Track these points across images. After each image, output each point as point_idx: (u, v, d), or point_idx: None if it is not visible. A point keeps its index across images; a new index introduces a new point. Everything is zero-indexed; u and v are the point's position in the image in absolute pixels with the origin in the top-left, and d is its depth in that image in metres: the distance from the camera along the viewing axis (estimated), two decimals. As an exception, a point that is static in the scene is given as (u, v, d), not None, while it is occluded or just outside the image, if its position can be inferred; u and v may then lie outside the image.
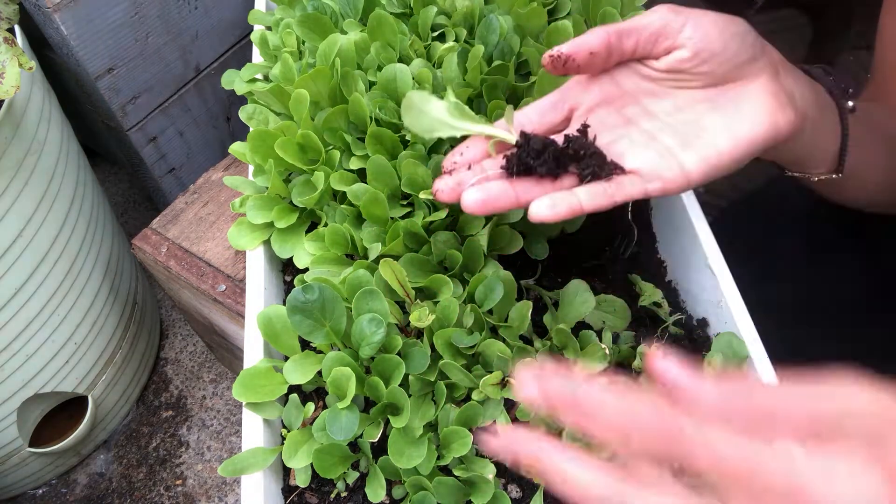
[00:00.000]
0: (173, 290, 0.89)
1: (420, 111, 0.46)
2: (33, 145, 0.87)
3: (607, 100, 0.48)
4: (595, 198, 0.43)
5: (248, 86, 0.75)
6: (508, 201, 0.43)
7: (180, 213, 0.84)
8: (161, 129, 1.21)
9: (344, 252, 0.61)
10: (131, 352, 1.22)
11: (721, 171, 0.44)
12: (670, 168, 0.44)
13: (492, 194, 0.43)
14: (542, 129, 0.48)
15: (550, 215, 0.41)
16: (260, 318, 0.54)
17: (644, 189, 0.44)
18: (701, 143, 0.44)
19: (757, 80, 0.45)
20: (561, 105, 0.48)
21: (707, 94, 0.46)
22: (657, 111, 0.47)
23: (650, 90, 0.47)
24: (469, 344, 0.52)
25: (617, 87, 0.48)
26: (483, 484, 0.50)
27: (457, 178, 0.45)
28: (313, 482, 0.55)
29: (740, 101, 0.45)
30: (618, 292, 0.66)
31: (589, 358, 0.55)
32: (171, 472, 1.24)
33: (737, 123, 0.44)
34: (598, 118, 0.47)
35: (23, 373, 0.97)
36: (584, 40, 0.43)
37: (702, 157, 0.44)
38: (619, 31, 0.44)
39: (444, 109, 0.46)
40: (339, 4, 0.75)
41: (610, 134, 0.47)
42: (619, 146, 0.46)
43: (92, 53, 1.00)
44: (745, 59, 0.44)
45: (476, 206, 0.42)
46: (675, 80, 0.46)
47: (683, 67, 0.45)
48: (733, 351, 0.57)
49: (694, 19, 0.44)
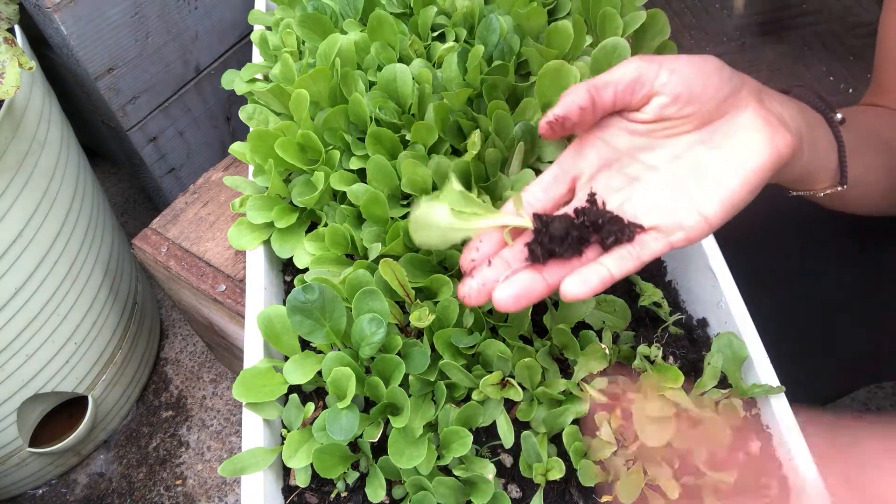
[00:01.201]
0: (173, 290, 0.89)
1: (428, 226, 0.45)
2: (33, 145, 0.87)
3: (606, 163, 0.47)
4: (623, 262, 0.42)
5: (248, 86, 0.75)
6: (541, 290, 0.43)
7: (180, 213, 0.84)
8: (161, 129, 1.21)
9: (344, 252, 0.61)
10: (131, 352, 1.22)
11: (738, 206, 0.44)
12: (689, 217, 0.44)
13: (523, 288, 0.42)
14: (549, 204, 0.47)
15: (585, 292, 0.41)
16: (260, 318, 0.54)
17: (669, 243, 0.44)
18: (711, 185, 0.44)
19: (745, 109, 0.45)
20: (563, 177, 0.48)
21: (701, 136, 0.45)
22: (657, 163, 0.46)
23: (644, 144, 0.47)
24: (469, 344, 0.52)
25: (610, 148, 0.47)
26: (483, 484, 0.50)
27: (481, 278, 0.44)
28: (313, 482, 0.55)
29: (735, 135, 0.45)
30: (618, 292, 0.66)
31: (589, 358, 0.55)
32: (171, 472, 1.24)
33: (740, 157, 0.44)
34: (603, 182, 0.47)
35: (23, 373, 0.97)
36: (570, 100, 0.44)
37: (717, 199, 0.43)
38: (596, 85, 0.44)
39: (449, 214, 0.45)
40: (339, 4, 0.75)
41: (619, 196, 0.46)
42: (632, 206, 0.46)
43: (92, 53, 1.00)
44: (728, 92, 0.44)
45: (510, 304, 0.42)
46: (664, 129, 0.46)
47: (668, 114, 0.45)
48: (733, 351, 0.57)
49: (668, 64, 0.44)
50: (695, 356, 0.60)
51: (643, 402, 0.51)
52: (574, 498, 0.54)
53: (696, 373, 0.58)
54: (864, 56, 1.86)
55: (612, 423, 0.54)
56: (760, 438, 0.57)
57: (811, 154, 0.50)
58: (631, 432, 0.54)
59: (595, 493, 0.54)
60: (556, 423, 0.53)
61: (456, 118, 0.63)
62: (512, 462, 0.55)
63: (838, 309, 0.75)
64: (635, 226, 0.44)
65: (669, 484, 0.52)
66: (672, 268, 0.72)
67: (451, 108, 0.62)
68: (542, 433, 0.54)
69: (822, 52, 1.87)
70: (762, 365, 0.58)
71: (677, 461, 0.52)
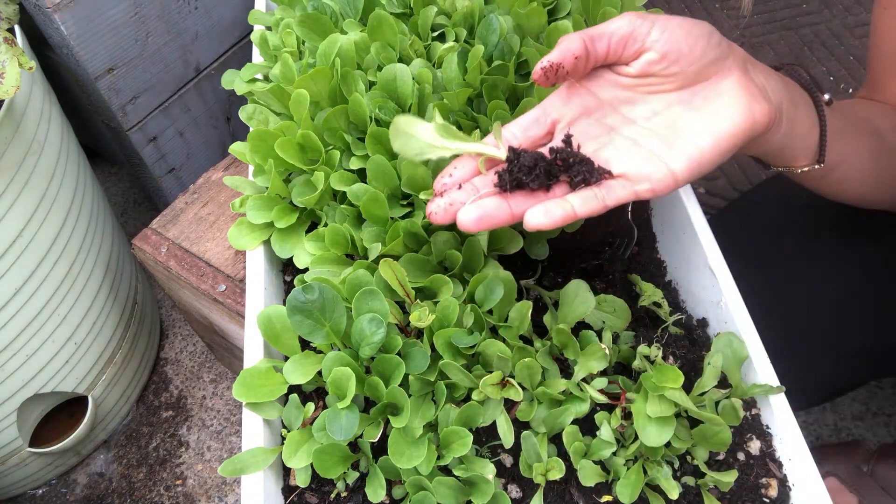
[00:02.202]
0: (173, 290, 0.89)
1: (408, 135, 0.47)
2: (33, 145, 0.87)
3: (587, 111, 0.49)
4: (587, 202, 0.44)
5: (248, 86, 0.75)
6: (504, 216, 0.44)
7: (180, 213, 0.84)
8: (161, 129, 1.21)
9: (344, 252, 0.61)
10: (131, 352, 1.22)
11: (705, 167, 0.46)
12: (657, 170, 0.45)
13: (487, 210, 0.44)
14: (526, 143, 0.49)
15: (546, 223, 0.42)
16: (260, 318, 0.54)
17: (634, 191, 0.45)
18: (683, 143, 0.45)
19: (728, 76, 0.46)
20: (543, 119, 0.49)
21: (681, 96, 0.47)
22: (636, 117, 0.48)
23: (626, 98, 0.48)
24: (469, 344, 0.52)
25: (595, 98, 0.49)
26: (483, 484, 0.50)
27: (449, 198, 0.45)
28: (313, 482, 0.55)
29: (715, 99, 0.46)
30: (618, 292, 0.66)
31: (589, 358, 0.55)
32: (171, 472, 1.23)
33: (715, 120, 0.45)
34: (581, 129, 0.49)
35: (23, 373, 0.97)
36: (566, 47, 0.45)
37: (686, 157, 0.45)
38: (591, 35, 0.46)
39: (432, 131, 0.47)
40: (339, 4, 0.75)
41: (594, 143, 0.48)
42: (605, 153, 0.47)
43: (92, 53, 0.99)
44: (714, 57, 0.46)
45: (472, 224, 0.43)
46: (648, 85, 0.47)
47: (654, 70, 0.46)
48: (733, 351, 0.57)
49: (660, 22, 0.45)
50: (695, 356, 0.60)
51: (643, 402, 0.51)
52: (574, 498, 0.54)
53: (696, 373, 0.58)
54: (864, 56, 1.85)
55: (611, 423, 0.54)
56: (760, 438, 0.57)
57: (790, 129, 0.51)
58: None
59: (595, 493, 0.54)
60: (556, 423, 0.53)
61: (456, 118, 0.63)
62: (512, 462, 0.55)
63: (840, 302, 0.75)
64: (604, 170, 0.46)
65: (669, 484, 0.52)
66: (672, 268, 0.72)
67: (451, 108, 0.62)
68: (542, 433, 0.54)
69: (822, 52, 1.87)
70: (762, 365, 0.58)
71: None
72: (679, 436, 0.53)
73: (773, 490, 0.54)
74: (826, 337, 0.76)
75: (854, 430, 1.25)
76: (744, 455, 0.56)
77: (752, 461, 0.56)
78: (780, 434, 0.56)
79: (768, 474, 0.55)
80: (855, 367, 0.80)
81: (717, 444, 0.53)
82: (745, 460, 0.56)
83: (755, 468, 0.55)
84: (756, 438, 0.57)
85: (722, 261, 0.63)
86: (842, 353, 0.76)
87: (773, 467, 0.56)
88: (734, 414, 0.54)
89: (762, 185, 0.93)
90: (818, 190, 0.65)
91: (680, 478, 0.55)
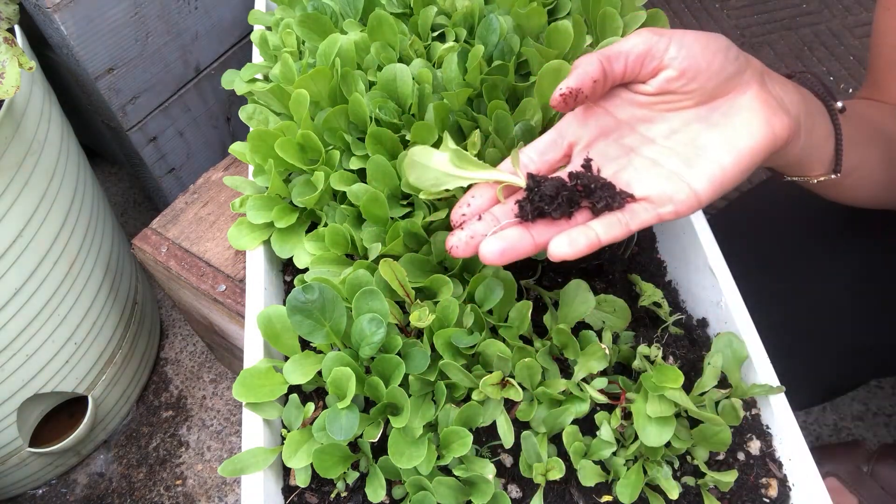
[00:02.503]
0: (173, 290, 0.89)
1: (424, 167, 0.46)
2: (33, 145, 0.87)
3: (605, 132, 0.48)
4: (611, 228, 0.43)
5: (248, 86, 0.75)
6: (527, 247, 0.43)
7: (180, 213, 0.84)
8: (161, 129, 1.21)
9: (344, 252, 0.61)
10: (131, 352, 1.22)
11: (728, 186, 0.45)
12: (680, 191, 0.44)
13: (510, 242, 0.43)
14: (544, 167, 0.48)
15: (571, 252, 0.42)
16: (260, 318, 0.54)
17: (657, 214, 0.44)
18: (704, 162, 0.44)
19: (746, 91, 0.45)
20: (560, 142, 0.48)
21: (699, 113, 0.46)
22: (654, 136, 0.47)
23: (644, 116, 0.47)
24: (469, 344, 0.52)
25: (612, 118, 0.48)
26: (483, 484, 0.50)
27: (470, 230, 0.44)
28: (313, 482, 0.55)
29: (734, 114, 0.45)
30: (618, 292, 0.66)
31: (589, 358, 0.55)
32: (171, 472, 1.23)
33: (735, 137, 0.45)
34: (599, 151, 0.48)
35: (23, 373, 0.97)
36: (584, 71, 0.44)
37: (708, 176, 0.44)
38: (608, 56, 0.45)
39: (448, 161, 0.46)
40: (339, 4, 0.75)
41: (613, 165, 0.47)
42: (625, 175, 0.46)
43: (92, 53, 0.99)
44: (732, 72, 0.45)
45: (495, 257, 0.42)
46: (666, 103, 0.46)
47: (672, 88, 0.45)
48: (733, 351, 0.57)
49: (677, 38, 0.44)
50: (695, 356, 0.60)
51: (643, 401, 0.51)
52: (574, 498, 0.54)
53: (696, 373, 0.58)
54: (864, 56, 1.85)
55: (611, 423, 0.54)
56: (760, 438, 0.57)
57: (808, 140, 0.50)
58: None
59: (595, 493, 0.54)
60: (556, 423, 0.53)
61: (456, 118, 0.63)
62: (512, 462, 0.55)
63: (840, 301, 0.75)
64: (626, 194, 0.45)
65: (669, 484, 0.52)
66: (672, 268, 0.72)
67: (451, 108, 0.62)
68: (542, 433, 0.54)
69: (822, 52, 1.87)
70: (762, 365, 0.58)
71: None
72: (679, 436, 0.53)
73: (773, 490, 0.54)
74: (826, 336, 0.76)
75: (854, 430, 1.25)
76: (744, 455, 0.56)
77: (752, 461, 0.56)
78: (780, 434, 0.56)
79: (768, 474, 0.55)
80: (855, 367, 0.80)
81: (717, 444, 0.53)
82: (745, 460, 0.56)
83: (755, 468, 0.55)
84: (756, 438, 0.57)
85: (722, 261, 0.63)
86: (842, 352, 0.76)
87: (773, 467, 0.56)
88: (734, 414, 0.54)
89: (762, 185, 0.93)
90: (829, 196, 0.64)
91: (680, 478, 0.55)
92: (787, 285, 0.78)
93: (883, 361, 0.78)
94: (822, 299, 0.76)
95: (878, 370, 0.83)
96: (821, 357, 0.76)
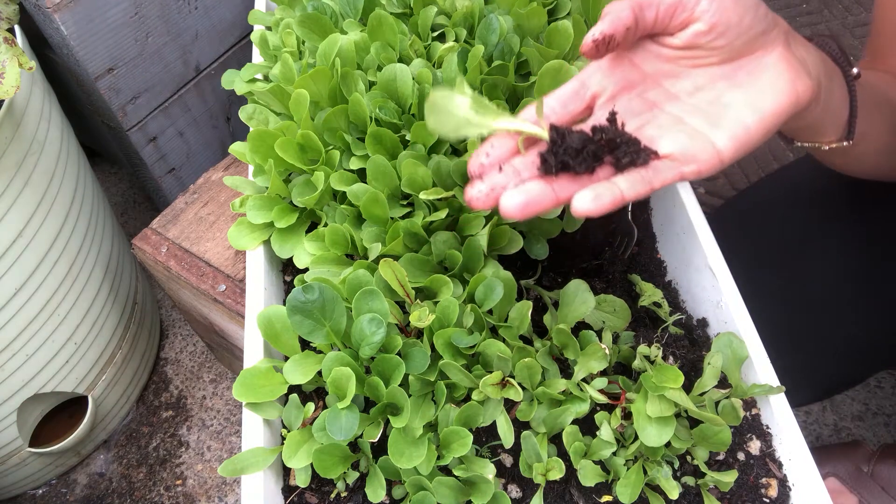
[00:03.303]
0: (173, 290, 0.89)
1: (447, 112, 0.44)
2: (33, 145, 0.87)
3: (629, 85, 0.47)
4: (635, 185, 0.42)
5: (248, 86, 0.75)
6: (548, 201, 0.42)
7: (180, 213, 0.84)
8: (161, 129, 1.21)
9: (344, 252, 0.61)
10: (131, 352, 1.22)
11: (751, 146, 0.44)
12: (704, 150, 0.43)
13: (532, 196, 0.41)
14: (565, 118, 0.47)
15: (595, 208, 0.40)
16: (260, 318, 0.54)
17: (680, 172, 0.43)
18: (728, 122, 0.44)
19: (772, 51, 0.45)
20: (582, 93, 0.47)
21: (724, 71, 0.45)
22: (678, 92, 0.46)
23: (669, 71, 0.47)
24: (469, 344, 0.52)
25: (637, 70, 0.47)
26: (483, 484, 0.50)
27: (490, 182, 0.43)
28: (313, 482, 0.55)
29: (759, 74, 0.44)
30: (618, 292, 0.66)
31: (589, 358, 0.55)
32: (171, 472, 1.23)
33: (759, 97, 0.44)
34: (622, 105, 0.46)
35: (23, 373, 0.97)
36: (618, 17, 0.43)
37: (732, 136, 0.43)
38: (640, 3, 0.43)
39: (470, 106, 0.44)
40: (339, 4, 0.75)
41: (637, 120, 0.46)
42: (648, 131, 0.45)
43: (92, 53, 0.99)
44: (760, 30, 0.44)
45: (517, 211, 0.41)
46: (692, 59, 0.46)
47: (700, 42, 0.44)
48: (733, 351, 0.57)
49: None
50: (695, 356, 0.60)
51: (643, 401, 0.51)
52: (574, 498, 0.54)
53: (696, 373, 0.58)
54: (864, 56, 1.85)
55: (611, 423, 0.54)
56: (760, 438, 0.57)
57: (825, 105, 0.50)
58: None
59: (595, 493, 0.54)
60: (556, 423, 0.53)
61: (456, 118, 0.63)
62: (512, 462, 0.55)
63: (839, 295, 0.74)
64: (651, 151, 0.44)
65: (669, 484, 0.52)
66: (672, 268, 0.72)
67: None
68: (542, 433, 0.54)
69: (822, 52, 1.87)
70: (762, 365, 0.58)
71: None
72: (679, 436, 0.53)
73: (773, 490, 0.54)
74: (825, 329, 0.75)
75: (854, 430, 1.25)
76: (744, 455, 0.56)
77: (752, 461, 0.56)
78: (780, 434, 0.56)
79: (768, 474, 0.55)
80: (856, 361, 0.79)
81: (717, 444, 0.53)
82: (745, 460, 0.56)
83: (755, 468, 0.55)
84: (756, 438, 0.57)
85: (722, 261, 0.63)
86: (842, 346, 0.76)
87: (773, 467, 0.56)
88: (734, 414, 0.54)
89: (761, 182, 0.93)
90: (834, 164, 0.63)
91: (680, 478, 0.55)
92: (785, 279, 0.78)
93: (884, 355, 0.77)
94: (821, 292, 0.75)
95: (878, 364, 0.82)
96: (820, 351, 0.76)
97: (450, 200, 0.58)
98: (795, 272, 0.78)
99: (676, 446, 0.53)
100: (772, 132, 0.44)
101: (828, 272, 0.76)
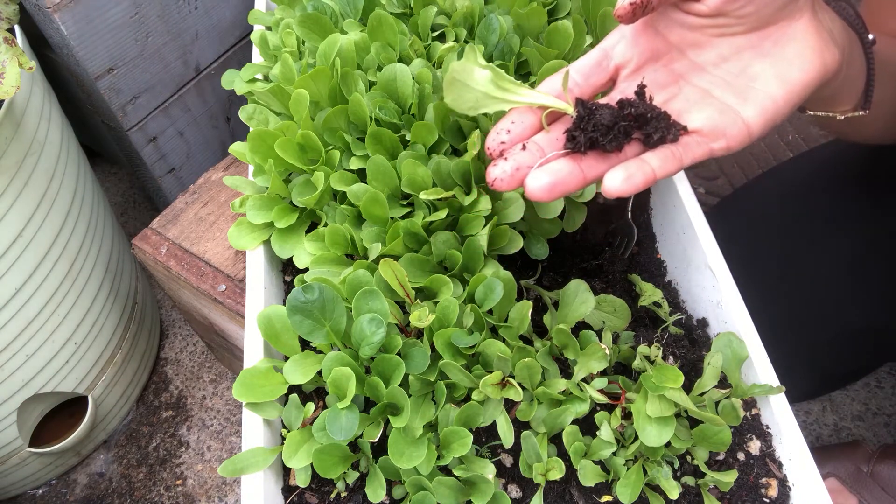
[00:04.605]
0: (173, 290, 0.89)
1: (464, 86, 0.41)
2: (33, 145, 0.87)
3: (655, 55, 0.45)
4: (666, 163, 0.40)
5: (248, 86, 0.75)
6: (576, 181, 0.40)
7: (180, 213, 0.84)
8: (161, 129, 1.21)
9: (344, 252, 0.61)
10: (131, 352, 1.22)
11: (779, 119, 0.43)
12: (733, 124, 0.42)
13: (560, 177, 0.39)
14: (587, 91, 0.45)
15: (627, 188, 0.38)
16: (260, 318, 0.54)
17: (710, 149, 0.42)
18: (756, 94, 0.42)
19: (799, 19, 0.43)
20: (605, 64, 0.45)
21: (750, 41, 0.44)
22: (704, 63, 0.45)
23: (695, 41, 0.45)
24: (469, 344, 0.52)
25: (662, 39, 0.45)
26: (483, 484, 0.50)
27: (514, 162, 0.40)
28: (313, 482, 0.55)
29: (786, 44, 0.43)
30: (618, 292, 0.66)
31: (589, 358, 0.55)
32: (171, 472, 1.23)
33: (787, 68, 0.42)
34: (649, 76, 0.45)
35: (23, 373, 0.97)
36: None
37: (760, 109, 0.42)
38: None
39: (489, 81, 0.41)
40: (339, 4, 0.75)
41: (664, 93, 0.44)
42: (676, 105, 0.44)
43: (92, 53, 0.99)
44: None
45: (544, 193, 0.39)
46: (718, 27, 0.44)
47: (728, 9, 0.42)
48: (733, 351, 0.57)
49: None
50: (695, 356, 0.60)
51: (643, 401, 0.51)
52: (574, 498, 0.54)
53: (696, 373, 0.58)
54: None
55: (611, 423, 0.54)
56: (760, 438, 0.57)
57: (846, 73, 0.48)
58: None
59: (595, 493, 0.54)
60: (556, 423, 0.53)
61: (456, 118, 0.63)
62: (512, 462, 0.55)
63: (838, 286, 0.74)
64: (680, 126, 0.42)
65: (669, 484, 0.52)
66: (672, 268, 0.72)
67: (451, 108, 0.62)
68: (542, 433, 0.54)
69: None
70: (762, 365, 0.58)
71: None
72: (679, 436, 0.53)
73: (773, 490, 0.54)
74: (824, 318, 0.75)
75: (854, 430, 1.25)
76: (744, 455, 0.56)
77: (752, 461, 0.56)
78: (780, 434, 0.56)
79: (768, 474, 0.55)
80: (855, 351, 0.79)
81: (717, 444, 0.53)
82: (745, 460, 0.56)
83: (755, 468, 0.55)
84: (756, 438, 0.57)
85: (722, 261, 0.63)
86: (840, 335, 0.75)
87: (773, 467, 0.56)
88: (734, 414, 0.54)
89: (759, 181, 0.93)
90: (842, 133, 0.62)
91: (680, 478, 0.55)
92: (785, 268, 0.78)
93: (883, 345, 0.77)
94: (821, 281, 0.75)
95: (878, 355, 0.82)
96: (819, 340, 0.75)
97: (450, 200, 0.58)
98: (795, 263, 0.78)
99: (676, 446, 0.53)
100: (799, 103, 0.43)
101: (828, 264, 0.75)
